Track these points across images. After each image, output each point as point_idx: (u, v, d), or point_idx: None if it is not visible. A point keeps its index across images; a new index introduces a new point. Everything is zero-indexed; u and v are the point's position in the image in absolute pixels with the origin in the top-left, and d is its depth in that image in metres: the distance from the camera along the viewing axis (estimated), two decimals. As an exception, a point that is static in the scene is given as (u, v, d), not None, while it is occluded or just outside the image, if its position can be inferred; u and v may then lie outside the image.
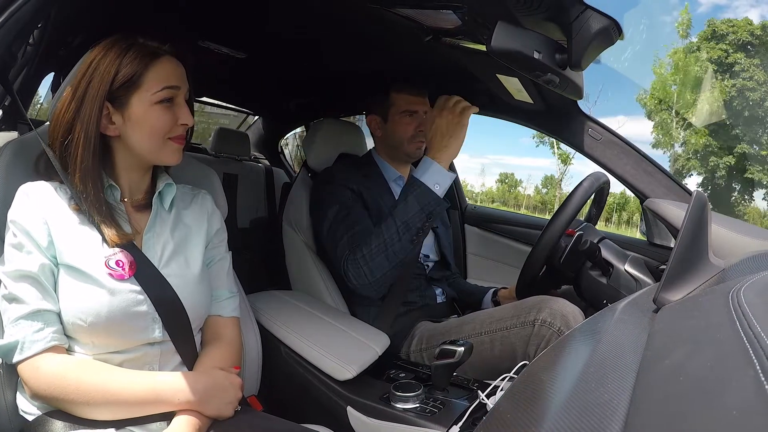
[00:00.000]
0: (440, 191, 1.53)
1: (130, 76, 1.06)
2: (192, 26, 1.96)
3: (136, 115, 1.08)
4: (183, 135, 1.15)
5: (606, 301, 1.52)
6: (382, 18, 1.49)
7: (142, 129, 1.09)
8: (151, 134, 1.09)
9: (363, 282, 1.59)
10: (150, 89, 1.07)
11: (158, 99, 1.08)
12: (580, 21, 1.10)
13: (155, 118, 1.09)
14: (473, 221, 2.78)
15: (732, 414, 0.36)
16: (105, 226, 1.05)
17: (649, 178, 1.78)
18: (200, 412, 1.04)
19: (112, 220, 1.06)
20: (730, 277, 0.93)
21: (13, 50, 1.20)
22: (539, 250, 1.50)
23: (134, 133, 1.09)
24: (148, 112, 1.08)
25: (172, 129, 1.12)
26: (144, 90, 1.07)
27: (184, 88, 1.14)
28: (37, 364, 0.97)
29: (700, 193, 1.04)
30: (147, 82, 1.07)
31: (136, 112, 1.08)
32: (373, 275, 1.57)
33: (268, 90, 3.05)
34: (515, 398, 0.66)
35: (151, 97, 1.07)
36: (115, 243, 1.04)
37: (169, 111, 1.10)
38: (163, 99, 1.09)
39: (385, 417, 1.31)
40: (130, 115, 1.08)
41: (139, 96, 1.07)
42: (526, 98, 1.88)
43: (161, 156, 1.13)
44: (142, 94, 1.07)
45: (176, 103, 1.12)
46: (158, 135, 1.10)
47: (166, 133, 1.11)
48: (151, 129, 1.09)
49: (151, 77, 1.07)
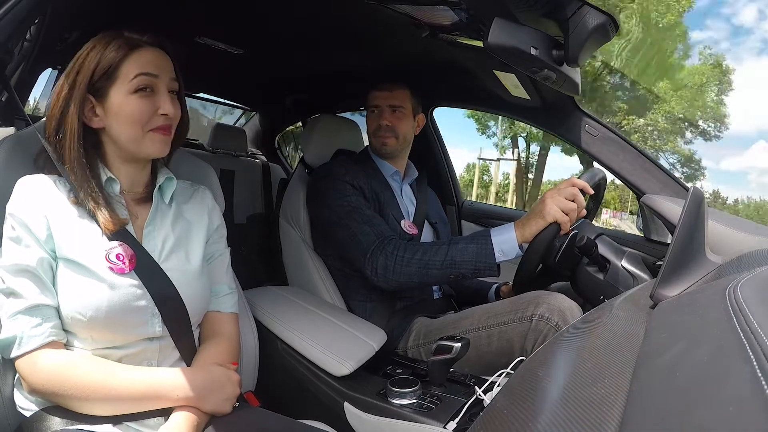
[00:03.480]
0: (500, 258, 1.52)
1: (107, 68, 1.06)
2: (189, 22, 1.95)
3: (115, 106, 1.08)
4: (167, 126, 1.13)
5: (603, 297, 1.52)
6: (379, 14, 1.49)
7: (121, 119, 1.08)
8: (129, 124, 1.08)
9: (385, 275, 1.60)
10: (126, 78, 1.07)
11: (134, 88, 1.07)
12: (577, 17, 1.10)
13: (132, 108, 1.07)
14: (470, 217, 2.78)
15: (729, 409, 0.36)
16: (100, 212, 1.04)
17: (646, 174, 1.78)
18: (198, 407, 1.03)
19: (107, 206, 1.06)
20: (727, 274, 0.94)
21: (10, 46, 1.20)
22: (535, 247, 1.50)
23: (115, 125, 1.09)
24: (125, 102, 1.07)
25: (152, 119, 1.10)
26: (120, 81, 1.07)
27: (166, 78, 1.12)
28: (35, 359, 0.97)
29: (696, 190, 1.04)
30: (123, 72, 1.07)
31: (115, 102, 1.07)
32: (396, 277, 1.60)
33: (265, 86, 3.04)
34: (512, 394, 0.66)
35: (127, 87, 1.07)
36: (110, 229, 1.04)
37: (146, 100, 1.09)
38: (139, 87, 1.08)
39: (382, 413, 1.31)
40: (110, 106, 1.08)
41: (117, 87, 1.07)
42: (523, 94, 1.88)
43: (143, 147, 1.11)
44: (119, 85, 1.07)
45: (157, 92, 1.11)
46: (136, 125, 1.09)
47: (145, 123, 1.09)
48: (129, 118, 1.08)
49: (127, 67, 1.07)
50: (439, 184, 2.69)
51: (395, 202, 1.93)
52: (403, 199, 2.00)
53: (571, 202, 1.45)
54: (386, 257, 1.60)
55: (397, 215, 1.88)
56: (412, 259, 1.57)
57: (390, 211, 1.86)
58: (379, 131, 1.95)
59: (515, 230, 1.51)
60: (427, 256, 1.56)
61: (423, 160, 2.23)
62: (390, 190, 1.95)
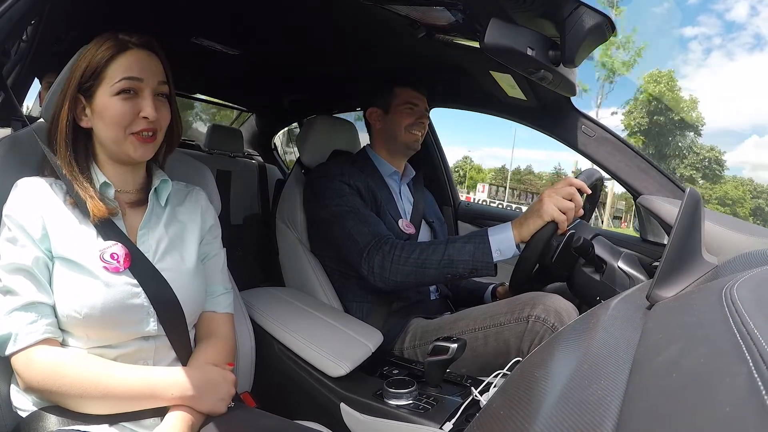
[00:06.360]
0: (497, 258, 1.52)
1: (95, 68, 1.08)
2: (185, 23, 1.95)
3: (99, 107, 1.09)
4: (150, 129, 1.12)
5: (599, 297, 1.52)
6: (376, 15, 1.49)
7: (105, 120, 1.09)
8: (111, 125, 1.09)
9: (382, 275, 1.60)
10: (111, 80, 1.08)
11: (117, 90, 1.08)
12: (573, 17, 1.10)
13: (114, 109, 1.08)
14: (466, 218, 2.78)
15: (725, 410, 0.36)
16: (89, 199, 1.05)
17: (642, 175, 1.79)
18: (193, 407, 1.04)
19: (97, 195, 1.07)
20: (724, 274, 0.94)
21: (6, 47, 1.20)
22: (532, 246, 1.50)
23: (100, 125, 1.10)
24: (109, 103, 1.08)
25: (134, 122, 1.10)
26: (106, 82, 1.08)
27: (153, 81, 1.12)
28: (30, 356, 0.97)
29: (693, 190, 1.04)
30: (109, 74, 1.08)
31: (100, 103, 1.08)
32: (393, 277, 1.59)
33: (261, 87, 3.04)
34: (508, 395, 0.66)
35: (111, 88, 1.08)
36: (98, 217, 1.05)
37: (129, 103, 1.09)
38: (122, 90, 1.08)
39: (378, 413, 1.31)
40: (95, 106, 1.09)
41: (103, 88, 1.08)
42: (519, 95, 1.89)
43: (124, 149, 1.11)
44: (105, 86, 1.08)
45: (141, 96, 1.10)
46: (118, 127, 1.09)
47: (127, 125, 1.09)
48: (111, 120, 1.08)
49: (113, 69, 1.08)
50: (435, 184, 2.69)
51: (393, 201, 1.93)
52: (401, 198, 2.01)
53: (568, 202, 1.45)
54: (383, 257, 1.60)
55: (394, 215, 1.88)
56: (408, 258, 1.57)
57: (387, 210, 1.86)
58: (414, 127, 1.97)
59: (513, 229, 1.51)
60: (423, 255, 1.56)
61: (419, 161, 2.23)
62: (388, 189, 1.95)
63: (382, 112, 2.01)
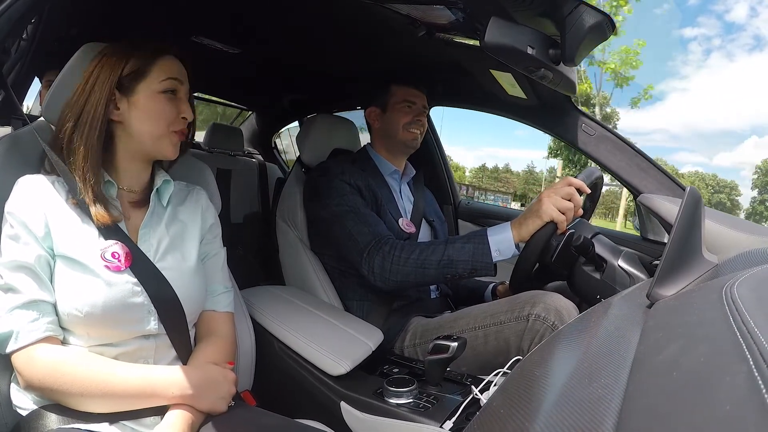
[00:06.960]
0: (496, 258, 1.52)
1: (138, 66, 1.12)
2: (185, 21, 1.95)
3: (141, 102, 1.12)
4: (184, 130, 1.19)
5: (600, 296, 1.52)
6: (376, 14, 1.49)
7: (146, 116, 1.13)
8: (155, 121, 1.13)
9: (382, 274, 1.60)
10: (156, 78, 1.13)
11: (163, 88, 1.13)
12: (573, 16, 1.10)
13: (160, 107, 1.13)
14: (466, 216, 2.78)
15: (725, 408, 0.36)
16: (93, 206, 1.06)
17: (642, 174, 1.79)
18: (194, 406, 1.04)
19: (102, 201, 1.07)
20: (724, 273, 0.94)
21: (6, 45, 1.20)
22: (532, 246, 1.50)
23: (136, 120, 1.13)
24: (153, 99, 1.12)
25: (175, 121, 1.15)
26: (150, 79, 1.13)
27: (186, 86, 1.19)
28: (31, 354, 0.97)
29: (693, 189, 1.04)
30: (153, 72, 1.13)
31: (141, 99, 1.12)
32: (393, 277, 1.59)
33: (261, 85, 3.04)
34: (509, 393, 0.66)
35: (157, 86, 1.13)
36: (102, 222, 1.05)
37: (172, 102, 1.15)
38: (167, 89, 1.14)
39: (379, 412, 1.31)
40: (135, 101, 1.12)
41: (145, 84, 1.12)
42: (519, 94, 1.88)
43: (161, 146, 1.16)
44: (148, 83, 1.13)
45: (179, 97, 1.17)
46: (162, 123, 1.14)
47: (170, 123, 1.15)
48: (156, 116, 1.13)
49: (157, 68, 1.13)
50: (436, 183, 2.69)
51: (393, 200, 1.93)
52: (401, 197, 2.01)
53: (567, 202, 1.45)
54: (383, 257, 1.60)
55: (395, 214, 1.88)
56: (408, 258, 1.57)
57: (388, 209, 1.86)
58: (412, 125, 1.97)
59: (512, 229, 1.51)
60: (423, 255, 1.56)
61: (420, 160, 2.23)
62: (388, 188, 1.95)
63: (380, 111, 2.00)
